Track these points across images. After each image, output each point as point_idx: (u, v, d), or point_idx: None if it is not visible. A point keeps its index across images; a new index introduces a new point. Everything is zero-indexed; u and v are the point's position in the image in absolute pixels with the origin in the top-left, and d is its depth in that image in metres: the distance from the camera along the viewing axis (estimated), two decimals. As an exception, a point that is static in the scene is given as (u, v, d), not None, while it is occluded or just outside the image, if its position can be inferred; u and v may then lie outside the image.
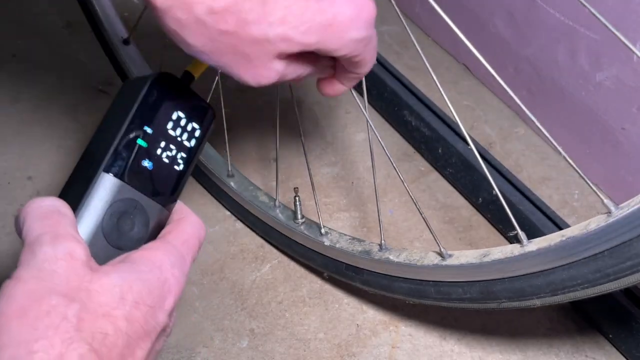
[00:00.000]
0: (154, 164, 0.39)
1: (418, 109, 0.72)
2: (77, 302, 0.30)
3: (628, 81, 0.61)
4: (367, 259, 0.51)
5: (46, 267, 0.30)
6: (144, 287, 0.33)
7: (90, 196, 0.36)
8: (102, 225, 0.37)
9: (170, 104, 0.40)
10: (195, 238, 0.39)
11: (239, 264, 0.62)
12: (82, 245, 0.32)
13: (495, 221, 0.65)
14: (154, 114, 0.39)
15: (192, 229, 0.39)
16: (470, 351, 0.56)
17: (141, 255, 0.35)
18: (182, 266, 0.36)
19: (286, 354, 0.55)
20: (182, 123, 0.41)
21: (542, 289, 0.40)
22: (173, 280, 0.35)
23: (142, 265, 0.34)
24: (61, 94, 0.79)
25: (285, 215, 0.59)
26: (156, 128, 0.39)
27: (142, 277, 0.33)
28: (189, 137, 0.42)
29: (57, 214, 0.34)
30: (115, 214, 0.37)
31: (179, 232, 0.38)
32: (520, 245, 0.40)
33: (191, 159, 0.42)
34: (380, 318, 0.58)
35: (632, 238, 0.33)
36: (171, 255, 0.36)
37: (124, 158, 0.37)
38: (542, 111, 0.74)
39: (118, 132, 0.37)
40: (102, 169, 0.37)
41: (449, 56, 0.88)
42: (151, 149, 0.39)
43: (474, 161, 0.66)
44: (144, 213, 0.39)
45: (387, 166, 0.71)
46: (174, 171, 0.41)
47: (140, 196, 0.39)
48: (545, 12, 0.68)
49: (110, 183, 0.37)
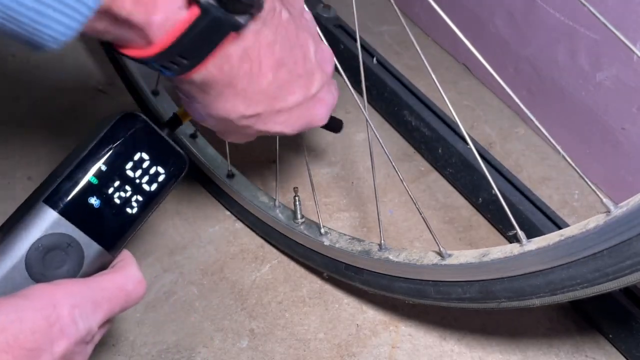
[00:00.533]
0: (102, 202, 0.37)
1: (418, 109, 0.72)
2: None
3: (628, 81, 0.61)
4: (367, 258, 0.51)
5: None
6: (21, 328, 0.29)
7: (22, 223, 0.35)
8: (26, 254, 0.35)
9: (134, 144, 0.38)
10: (122, 290, 0.36)
11: (238, 264, 0.62)
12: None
13: (496, 221, 0.65)
14: (113, 153, 0.37)
15: (123, 280, 0.36)
16: (470, 351, 0.56)
17: (40, 290, 0.32)
18: (90, 312, 0.33)
19: (286, 354, 0.55)
20: (144, 165, 0.39)
21: (542, 289, 0.40)
22: (68, 320, 0.31)
23: (34, 301, 0.31)
24: (61, 94, 0.79)
25: (285, 215, 0.59)
26: (113, 167, 0.37)
27: (23, 316, 0.30)
28: (150, 180, 0.39)
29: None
30: (43, 247, 0.35)
31: (104, 278, 0.35)
32: (520, 244, 0.40)
33: (148, 204, 0.40)
34: (380, 318, 0.58)
35: (631, 237, 0.33)
36: (78, 295, 0.32)
37: (68, 192, 0.36)
38: (542, 111, 0.74)
39: (70, 166, 0.36)
40: (42, 199, 0.35)
41: (449, 56, 0.88)
42: (102, 187, 0.37)
43: (474, 161, 0.66)
44: (79, 252, 0.37)
45: (387, 166, 0.71)
46: (125, 214, 0.39)
47: (78, 233, 0.37)
48: (545, 12, 0.68)
49: (45, 214, 0.35)
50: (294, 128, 0.39)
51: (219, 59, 0.31)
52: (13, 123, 0.75)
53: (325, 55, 0.39)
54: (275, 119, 0.37)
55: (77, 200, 0.36)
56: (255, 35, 0.32)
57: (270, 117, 0.37)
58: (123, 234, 0.39)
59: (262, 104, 0.35)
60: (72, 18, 0.26)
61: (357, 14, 0.47)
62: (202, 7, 0.28)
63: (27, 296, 0.31)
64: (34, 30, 0.26)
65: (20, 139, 0.73)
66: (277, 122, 0.38)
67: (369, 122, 0.46)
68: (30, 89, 0.79)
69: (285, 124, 0.38)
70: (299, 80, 0.36)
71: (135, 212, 0.39)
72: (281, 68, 0.34)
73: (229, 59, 0.31)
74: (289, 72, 0.35)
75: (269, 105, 0.36)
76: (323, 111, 0.40)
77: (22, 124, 0.75)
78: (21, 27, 0.25)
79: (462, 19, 0.82)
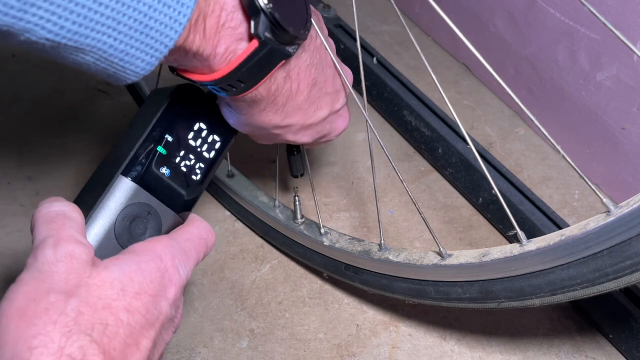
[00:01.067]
0: (172, 171, 0.40)
1: (418, 109, 0.72)
2: (75, 297, 0.30)
3: (628, 81, 0.61)
4: (367, 258, 0.51)
5: (46, 269, 0.31)
6: (143, 277, 0.33)
7: (106, 198, 0.37)
8: (114, 226, 0.37)
9: (193, 115, 0.41)
10: (200, 239, 0.40)
11: (238, 264, 0.62)
12: (84, 246, 0.33)
13: (496, 221, 0.65)
14: (176, 123, 0.40)
15: (198, 230, 0.40)
16: (471, 351, 0.56)
17: (142, 246, 0.35)
18: (185, 260, 0.37)
19: (286, 354, 0.55)
20: (203, 134, 0.42)
21: (542, 289, 0.40)
22: (173, 270, 0.35)
23: (143, 255, 0.34)
24: (61, 94, 0.79)
25: (285, 215, 0.59)
26: (176, 137, 0.40)
27: (142, 267, 0.34)
28: (209, 148, 0.42)
29: (62, 217, 0.34)
30: (128, 217, 0.38)
31: (183, 231, 0.39)
32: (520, 244, 0.40)
33: (209, 170, 0.43)
34: (380, 318, 0.58)
35: (631, 237, 0.33)
36: (172, 247, 0.36)
37: (142, 163, 0.38)
38: (542, 111, 0.74)
39: (139, 139, 0.39)
40: (120, 172, 0.38)
41: (449, 56, 0.88)
42: (170, 157, 0.40)
43: (474, 161, 0.66)
44: (157, 218, 0.40)
45: (387, 166, 0.71)
46: (191, 180, 0.42)
47: (155, 201, 0.40)
48: (545, 12, 0.68)
49: (126, 186, 0.38)
50: (315, 139, 0.44)
51: (268, 82, 0.36)
52: (13, 123, 0.75)
53: (346, 76, 0.44)
54: (303, 131, 0.42)
55: (152, 171, 0.39)
56: (296, 60, 0.37)
57: (299, 129, 0.42)
58: (191, 198, 0.42)
59: (295, 117, 0.40)
60: (152, 56, 0.30)
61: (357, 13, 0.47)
62: (260, 40, 0.32)
63: (135, 252, 0.35)
64: (122, 68, 0.29)
65: (20, 139, 0.73)
66: (305, 134, 0.43)
67: (369, 122, 0.46)
68: (30, 89, 0.79)
69: (310, 136, 0.43)
70: (327, 97, 0.41)
71: (199, 179, 0.42)
72: (314, 87, 0.39)
73: (275, 80, 0.36)
74: (319, 90, 0.40)
75: (301, 119, 0.40)
76: (342, 125, 0.45)
77: (22, 124, 0.75)
78: (111, 66, 0.29)
79: (462, 19, 0.82)
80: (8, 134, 0.73)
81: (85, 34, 0.27)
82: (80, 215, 0.36)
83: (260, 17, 0.31)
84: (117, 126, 0.75)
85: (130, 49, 0.29)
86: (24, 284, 0.30)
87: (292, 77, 0.37)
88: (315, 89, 0.39)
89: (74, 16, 0.26)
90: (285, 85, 0.37)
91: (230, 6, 0.31)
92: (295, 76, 0.37)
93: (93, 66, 0.29)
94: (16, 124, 0.75)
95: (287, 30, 0.33)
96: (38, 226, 0.34)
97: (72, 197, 0.66)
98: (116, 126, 0.75)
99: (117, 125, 0.75)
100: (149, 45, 0.29)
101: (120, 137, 0.41)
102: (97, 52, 0.28)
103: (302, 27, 0.35)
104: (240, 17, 0.32)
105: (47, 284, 0.30)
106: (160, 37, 0.29)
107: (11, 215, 0.65)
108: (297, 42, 0.35)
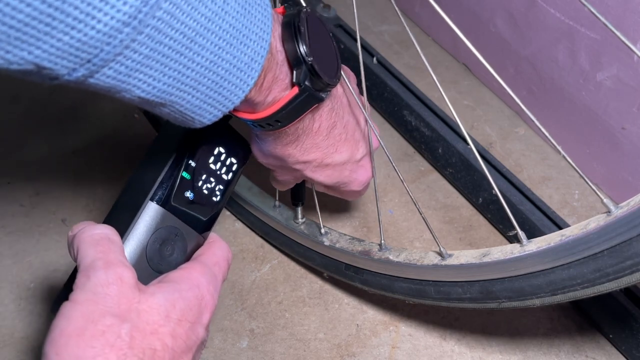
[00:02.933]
0: (195, 195, 0.42)
1: (418, 109, 0.72)
2: (128, 322, 0.33)
3: (628, 81, 0.61)
4: (367, 258, 0.51)
5: (99, 291, 0.34)
6: (185, 305, 0.36)
7: (137, 223, 0.39)
8: (146, 250, 0.39)
9: (212, 140, 0.43)
10: (225, 260, 0.42)
11: (238, 264, 0.62)
12: (130, 269, 0.36)
13: (496, 221, 0.65)
14: (198, 149, 0.42)
15: (221, 252, 0.43)
16: (471, 351, 0.56)
17: (180, 275, 0.38)
18: (216, 285, 0.40)
19: (286, 354, 0.55)
20: (222, 158, 0.44)
21: (542, 289, 0.40)
22: (209, 296, 0.38)
23: (182, 284, 0.37)
24: (61, 94, 0.79)
25: (285, 215, 0.59)
26: (199, 162, 0.42)
27: (183, 296, 0.37)
28: (227, 170, 0.44)
29: (107, 241, 0.37)
30: (158, 240, 0.40)
31: (210, 255, 0.42)
32: (520, 244, 0.40)
33: (227, 191, 0.45)
34: (380, 318, 0.58)
35: (631, 237, 0.33)
36: (206, 274, 0.39)
37: (169, 189, 0.40)
38: (542, 111, 0.74)
39: (164, 164, 0.40)
40: (149, 198, 0.40)
41: (449, 56, 0.88)
42: (193, 181, 0.42)
43: (474, 161, 0.66)
44: (183, 240, 0.42)
45: (387, 166, 0.71)
46: (212, 202, 0.44)
47: (181, 224, 0.42)
48: (545, 12, 0.68)
49: (155, 212, 0.40)
50: (333, 182, 0.47)
51: (297, 122, 0.39)
52: (13, 123, 0.75)
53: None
54: (321, 170, 0.45)
55: (178, 195, 0.41)
56: (321, 103, 0.40)
57: (318, 167, 0.44)
58: (212, 219, 0.44)
59: (313, 154, 0.43)
60: (220, 110, 0.34)
61: (357, 13, 0.47)
62: (300, 88, 0.36)
63: (175, 280, 0.37)
64: (191, 119, 0.34)
65: (20, 139, 0.73)
66: (322, 174, 0.45)
67: (369, 122, 0.46)
68: (30, 89, 0.79)
69: (328, 177, 0.46)
70: (346, 143, 0.44)
71: (218, 200, 0.44)
72: (334, 129, 0.43)
73: (303, 121, 0.40)
74: (339, 134, 0.43)
75: (319, 157, 0.43)
76: (364, 177, 0.48)
77: (22, 124, 0.75)
78: (182, 116, 0.33)
79: (462, 19, 0.82)
80: (8, 134, 0.73)
81: (171, 92, 0.31)
82: (119, 239, 0.38)
83: (302, 68, 0.36)
84: (117, 126, 0.75)
85: (203, 104, 0.33)
86: (79, 303, 0.33)
87: (315, 118, 0.41)
88: (335, 132, 0.43)
89: (165, 78, 0.30)
90: (310, 125, 0.41)
91: (280, 61, 0.36)
92: (319, 117, 0.41)
93: (165, 115, 0.33)
94: (16, 124, 0.75)
95: (323, 78, 0.37)
96: (85, 248, 0.36)
97: (72, 197, 0.67)
98: (116, 126, 0.75)
99: (117, 126, 0.75)
100: (220, 102, 0.33)
101: (142, 161, 0.43)
102: (175, 106, 0.32)
103: (334, 75, 0.39)
104: (286, 69, 0.36)
105: (101, 306, 0.33)
106: (230, 96, 0.33)
107: (11, 215, 0.65)
108: (329, 89, 0.39)
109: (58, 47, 0.25)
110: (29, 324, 0.56)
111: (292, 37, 0.35)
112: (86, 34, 0.25)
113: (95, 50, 0.26)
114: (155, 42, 0.27)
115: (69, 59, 0.26)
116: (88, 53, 0.26)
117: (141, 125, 0.75)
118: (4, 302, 0.57)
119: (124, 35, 0.26)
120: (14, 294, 0.58)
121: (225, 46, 0.31)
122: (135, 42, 0.27)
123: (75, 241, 0.37)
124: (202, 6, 0.28)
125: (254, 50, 0.32)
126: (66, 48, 0.25)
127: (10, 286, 0.59)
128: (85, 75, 0.27)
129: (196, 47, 0.29)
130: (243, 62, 0.32)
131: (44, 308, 0.57)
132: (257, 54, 0.32)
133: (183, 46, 0.29)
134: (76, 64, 0.26)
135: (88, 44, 0.25)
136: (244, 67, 0.32)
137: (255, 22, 0.32)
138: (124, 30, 0.26)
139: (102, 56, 0.26)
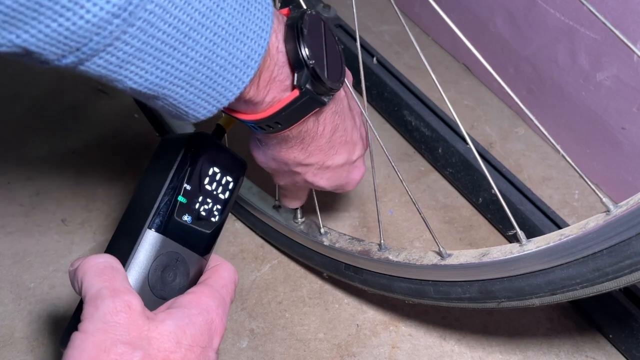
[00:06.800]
0: (193, 218, 0.42)
1: (418, 109, 0.72)
2: (140, 350, 0.33)
3: (628, 81, 0.61)
4: (366, 258, 0.51)
5: (109, 320, 0.34)
6: (195, 330, 0.36)
7: (137, 252, 0.39)
8: (148, 277, 0.39)
9: (206, 161, 0.43)
10: (232, 282, 0.42)
11: (238, 264, 0.62)
12: (137, 297, 0.36)
13: (496, 221, 0.65)
14: (192, 172, 0.42)
15: (228, 274, 0.43)
16: (471, 351, 0.56)
17: (189, 300, 0.38)
18: (224, 308, 0.40)
19: (286, 354, 0.55)
20: (217, 177, 0.44)
21: (542, 289, 0.40)
22: (218, 320, 0.39)
23: (192, 309, 0.37)
24: (61, 94, 0.79)
25: (284, 215, 0.59)
26: (194, 185, 0.42)
27: (193, 321, 0.37)
28: (224, 190, 0.44)
29: (111, 269, 0.37)
30: (159, 267, 0.40)
31: (217, 278, 0.42)
32: (520, 244, 0.40)
33: (225, 209, 0.45)
34: (380, 318, 0.58)
35: (631, 237, 0.33)
36: (215, 297, 0.39)
37: (166, 215, 0.40)
38: (542, 111, 0.74)
39: (160, 190, 0.40)
40: (147, 226, 0.40)
41: (449, 56, 0.88)
42: (190, 204, 0.42)
43: (474, 161, 0.66)
44: (185, 264, 0.42)
45: (387, 166, 0.71)
46: (211, 223, 0.44)
47: (181, 248, 0.42)
48: (545, 12, 0.68)
49: (155, 239, 0.40)
50: (332, 185, 0.47)
51: (300, 124, 0.39)
52: (13, 123, 0.75)
53: (364, 133, 0.48)
54: (322, 173, 0.45)
55: (175, 220, 0.41)
56: (325, 106, 0.40)
57: (319, 170, 0.45)
58: (212, 240, 0.44)
59: (316, 157, 0.43)
60: (214, 106, 0.34)
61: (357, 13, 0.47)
62: (301, 90, 0.36)
63: (184, 305, 0.38)
64: (185, 113, 0.33)
65: (20, 139, 0.73)
66: (323, 177, 0.46)
67: (369, 122, 0.46)
68: (30, 89, 0.79)
69: (328, 180, 0.46)
70: (346, 145, 0.45)
71: (217, 220, 0.44)
72: (336, 132, 0.43)
73: (306, 123, 0.40)
74: (340, 137, 0.44)
75: (321, 159, 0.44)
76: (357, 177, 0.49)
77: (22, 124, 0.75)
78: (176, 110, 0.33)
79: (462, 19, 0.82)
80: (8, 134, 0.73)
81: (163, 86, 0.31)
82: (122, 268, 0.38)
83: (304, 71, 0.36)
84: (117, 126, 0.75)
85: (197, 99, 0.33)
86: (90, 334, 0.33)
87: (319, 121, 0.41)
88: (337, 135, 0.43)
89: (158, 71, 0.30)
90: (313, 128, 0.41)
91: (281, 62, 0.36)
92: (322, 120, 0.41)
93: (159, 108, 0.33)
94: (16, 123, 0.75)
95: (325, 82, 0.37)
96: (90, 278, 0.36)
97: (72, 197, 0.67)
98: (116, 126, 0.75)
99: (117, 126, 0.75)
100: (214, 98, 0.33)
101: (139, 185, 0.43)
102: (168, 99, 0.32)
103: (337, 80, 0.39)
104: (287, 71, 0.36)
105: (112, 335, 0.33)
106: (224, 92, 0.33)
107: (11, 215, 0.65)
108: (332, 93, 0.39)
109: (46, 34, 0.25)
110: (29, 324, 0.56)
111: (294, 39, 0.35)
112: (75, 23, 0.25)
113: (84, 40, 0.26)
114: (147, 36, 0.27)
115: (57, 46, 0.26)
116: (77, 42, 0.26)
117: (141, 125, 0.75)
118: (4, 302, 0.57)
119: (114, 26, 0.26)
120: (14, 294, 0.58)
121: (220, 42, 0.31)
122: (126, 35, 0.27)
123: (78, 272, 0.37)
124: (196, 1, 0.28)
125: (251, 48, 0.32)
126: (54, 35, 0.25)
127: (10, 286, 0.59)
128: (75, 63, 0.27)
129: (190, 42, 0.29)
130: (239, 59, 0.32)
131: (44, 308, 0.57)
132: (254, 52, 0.32)
133: (176, 40, 0.29)
134: (65, 52, 0.26)
135: (77, 33, 0.26)
136: (239, 64, 0.32)
137: (254, 20, 0.32)
138: (113, 22, 0.26)
139: (92, 46, 0.26)
